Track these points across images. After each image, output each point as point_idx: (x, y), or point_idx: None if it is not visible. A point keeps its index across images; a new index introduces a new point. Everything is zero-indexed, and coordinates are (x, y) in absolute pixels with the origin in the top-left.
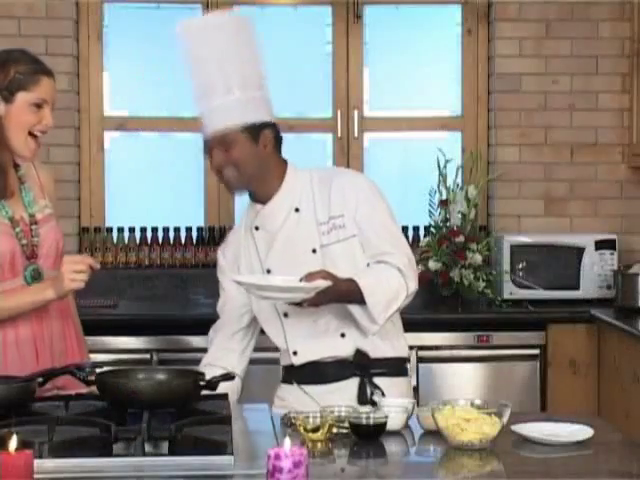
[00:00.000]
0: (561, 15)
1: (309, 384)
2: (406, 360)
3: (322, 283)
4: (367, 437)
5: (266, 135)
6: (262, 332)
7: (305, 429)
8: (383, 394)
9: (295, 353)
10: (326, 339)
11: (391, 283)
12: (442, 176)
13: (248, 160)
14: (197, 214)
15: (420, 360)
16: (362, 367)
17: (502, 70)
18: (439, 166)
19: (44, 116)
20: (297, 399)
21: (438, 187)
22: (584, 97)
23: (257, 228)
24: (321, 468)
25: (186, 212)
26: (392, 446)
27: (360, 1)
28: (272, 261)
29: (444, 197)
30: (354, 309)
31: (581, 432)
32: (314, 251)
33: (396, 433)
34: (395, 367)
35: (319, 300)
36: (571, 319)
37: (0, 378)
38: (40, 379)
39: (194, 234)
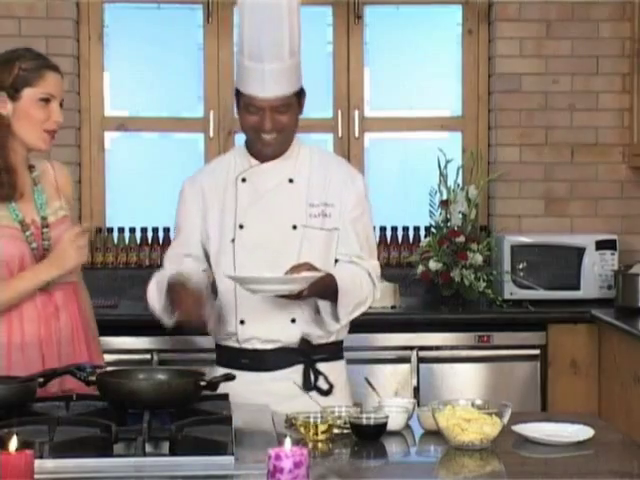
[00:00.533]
0: (561, 15)
1: (252, 371)
2: (342, 342)
3: (316, 273)
4: (367, 437)
5: (303, 97)
6: None
7: (306, 429)
8: (327, 380)
9: (242, 322)
10: (276, 319)
11: (364, 288)
12: (443, 176)
13: (293, 125)
14: None
15: (421, 360)
16: (306, 354)
17: (502, 70)
18: (440, 166)
19: (52, 111)
20: (242, 389)
21: (439, 187)
22: (584, 97)
23: (244, 180)
24: (322, 468)
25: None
26: (393, 446)
27: (361, 1)
28: (248, 219)
29: (445, 197)
30: (321, 303)
31: (581, 432)
32: (294, 227)
33: (397, 433)
34: (333, 351)
35: (314, 291)
36: (572, 319)
37: (1, 378)
38: (41, 379)
39: None
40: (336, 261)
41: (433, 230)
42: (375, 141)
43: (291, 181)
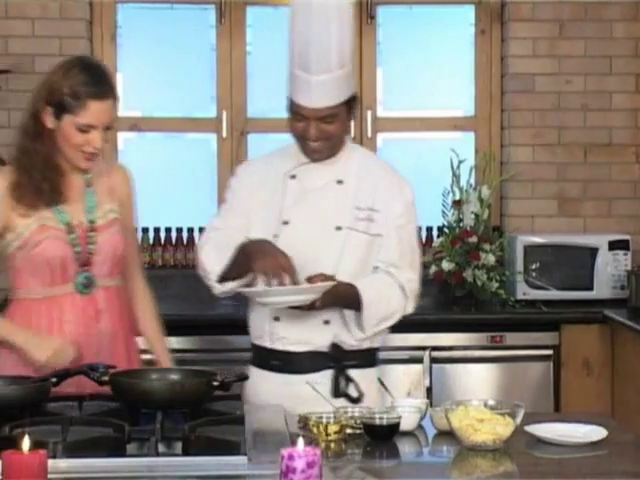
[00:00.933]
0: (575, 15)
1: (282, 373)
2: (378, 350)
3: (328, 282)
4: (380, 437)
5: (355, 108)
6: None
7: (319, 429)
8: (357, 387)
9: (277, 319)
10: (309, 320)
11: (391, 302)
12: (455, 176)
13: (340, 133)
14: (210, 214)
15: (433, 360)
16: (336, 359)
17: (515, 70)
18: (452, 166)
19: (91, 139)
20: (273, 390)
21: (451, 187)
22: (598, 97)
23: (293, 177)
24: (335, 468)
25: (199, 212)
26: (405, 446)
27: (374, 1)
28: (293, 216)
29: (457, 197)
30: (346, 312)
31: (595, 433)
32: (338, 228)
33: (409, 433)
34: (366, 358)
35: (327, 301)
36: (584, 320)
37: (15, 378)
38: (54, 379)
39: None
40: (374, 268)
41: (446, 230)
42: (388, 141)
43: (340, 182)
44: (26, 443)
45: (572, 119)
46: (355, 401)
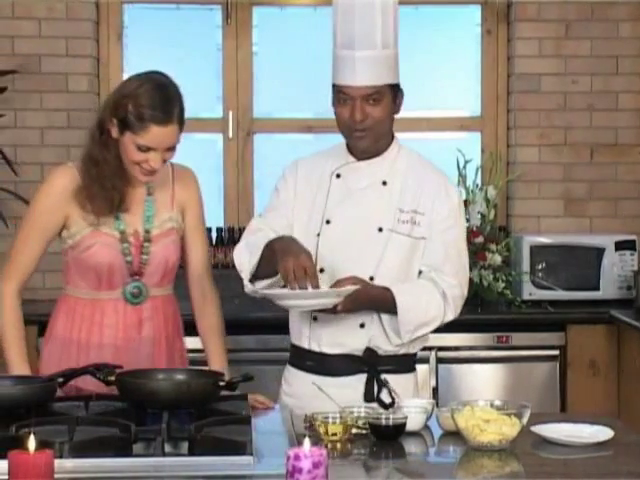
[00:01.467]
0: (581, 15)
1: (317, 374)
2: (415, 356)
3: (350, 287)
4: (386, 438)
5: (399, 98)
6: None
7: (325, 429)
8: (390, 392)
9: (315, 319)
10: (345, 321)
11: (429, 309)
12: (461, 176)
13: (386, 120)
14: (216, 215)
15: (439, 361)
16: (370, 364)
17: (522, 70)
18: (458, 166)
19: (149, 159)
20: (306, 390)
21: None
22: (604, 97)
23: (339, 176)
24: (341, 468)
25: (205, 212)
26: (411, 447)
27: None
28: (336, 215)
29: (463, 198)
30: (384, 316)
31: (601, 433)
32: (380, 230)
33: (415, 434)
34: (403, 364)
35: (351, 305)
36: (591, 320)
37: (21, 378)
38: (60, 379)
39: (213, 235)
40: (420, 272)
41: None
42: None
43: (384, 183)
44: (32, 443)
45: (578, 119)
46: (387, 407)
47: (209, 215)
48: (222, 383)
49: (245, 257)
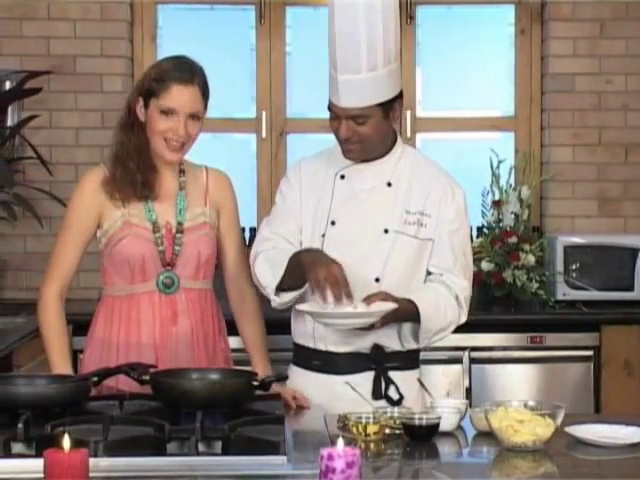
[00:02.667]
0: (615, 14)
1: (324, 373)
2: (419, 352)
3: (389, 305)
4: (420, 438)
5: (396, 109)
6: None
7: (358, 429)
8: (398, 390)
9: None
10: None
11: (447, 314)
12: (495, 177)
13: (375, 135)
14: (249, 214)
15: (473, 361)
16: (377, 361)
17: (556, 70)
18: (492, 166)
19: (174, 126)
20: (313, 390)
21: (491, 188)
22: (638, 97)
23: (343, 177)
24: (374, 469)
25: (239, 212)
26: (445, 447)
27: (413, 2)
28: (341, 216)
29: (497, 198)
30: (404, 325)
31: (635, 434)
32: (386, 231)
33: (449, 434)
34: (408, 360)
35: (385, 322)
36: (625, 320)
37: (56, 377)
38: (95, 378)
39: (246, 234)
40: (429, 273)
41: (485, 230)
42: (427, 141)
43: (389, 185)
44: (67, 442)
45: (612, 119)
46: (395, 403)
47: (242, 215)
48: (255, 383)
49: (268, 273)
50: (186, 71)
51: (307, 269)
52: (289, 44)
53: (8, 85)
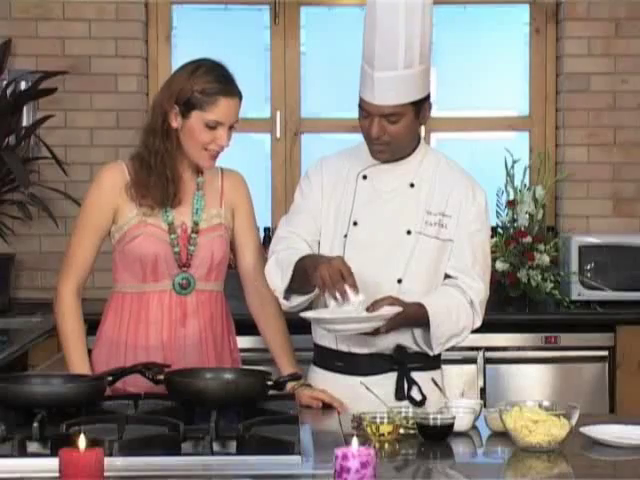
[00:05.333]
0: (631, 14)
1: (346, 374)
2: (440, 353)
3: (394, 309)
4: (434, 438)
5: (426, 109)
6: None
7: (372, 429)
8: (420, 390)
9: None
10: None
11: (460, 319)
12: (509, 176)
13: (406, 135)
14: (263, 215)
15: (487, 361)
16: (400, 362)
17: (571, 70)
18: (506, 166)
19: (218, 137)
20: (335, 391)
21: (505, 187)
22: None
23: (365, 177)
24: (388, 468)
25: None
26: (459, 447)
27: None
28: (363, 217)
29: (511, 197)
30: (415, 331)
31: None
32: (408, 232)
33: (463, 434)
34: (430, 361)
35: (391, 326)
36: None
37: (71, 376)
38: (110, 378)
39: (261, 234)
40: (446, 276)
41: (500, 230)
42: (442, 141)
43: (412, 186)
44: (83, 441)
45: (628, 119)
46: (418, 404)
47: (257, 214)
48: (270, 382)
49: (277, 276)
50: (231, 83)
51: (310, 273)
52: (303, 44)
53: (23, 85)
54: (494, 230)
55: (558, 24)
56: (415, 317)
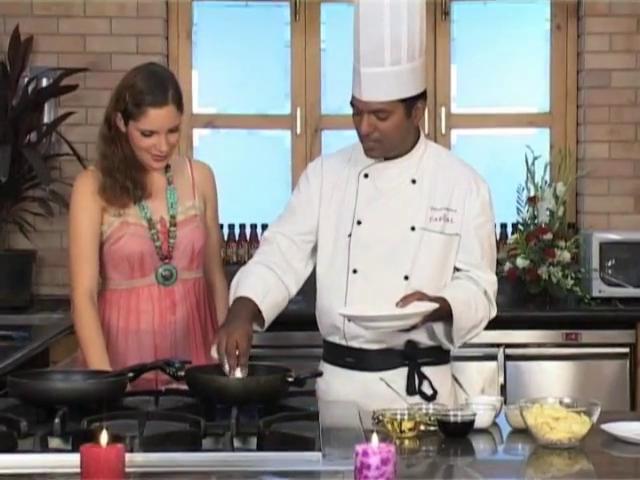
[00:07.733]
0: None
1: (357, 370)
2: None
3: (432, 305)
4: (455, 435)
5: (419, 108)
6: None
7: (393, 426)
8: (431, 385)
9: (350, 319)
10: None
11: (479, 310)
12: (530, 173)
13: (396, 133)
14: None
15: (508, 358)
16: (411, 357)
17: (592, 66)
18: (527, 163)
19: (156, 143)
20: (347, 387)
21: (526, 184)
22: None
23: (366, 176)
24: (409, 465)
25: (273, 209)
26: (480, 444)
27: None
28: (366, 216)
29: (532, 194)
30: (436, 327)
31: None
32: (413, 229)
33: (484, 431)
34: (441, 355)
35: (424, 321)
36: None
37: (92, 373)
38: (131, 374)
39: None
40: (456, 269)
41: (520, 227)
42: (462, 137)
43: (414, 182)
44: (104, 437)
45: None
46: (429, 399)
47: (276, 211)
48: (290, 379)
49: (231, 292)
50: (159, 92)
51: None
52: (324, 40)
53: (45, 82)
54: (515, 227)
55: (579, 20)
56: (442, 311)
